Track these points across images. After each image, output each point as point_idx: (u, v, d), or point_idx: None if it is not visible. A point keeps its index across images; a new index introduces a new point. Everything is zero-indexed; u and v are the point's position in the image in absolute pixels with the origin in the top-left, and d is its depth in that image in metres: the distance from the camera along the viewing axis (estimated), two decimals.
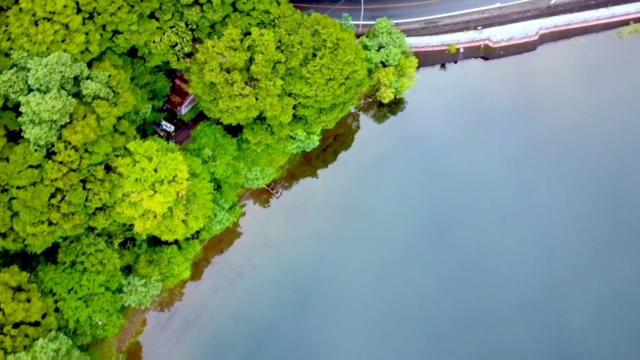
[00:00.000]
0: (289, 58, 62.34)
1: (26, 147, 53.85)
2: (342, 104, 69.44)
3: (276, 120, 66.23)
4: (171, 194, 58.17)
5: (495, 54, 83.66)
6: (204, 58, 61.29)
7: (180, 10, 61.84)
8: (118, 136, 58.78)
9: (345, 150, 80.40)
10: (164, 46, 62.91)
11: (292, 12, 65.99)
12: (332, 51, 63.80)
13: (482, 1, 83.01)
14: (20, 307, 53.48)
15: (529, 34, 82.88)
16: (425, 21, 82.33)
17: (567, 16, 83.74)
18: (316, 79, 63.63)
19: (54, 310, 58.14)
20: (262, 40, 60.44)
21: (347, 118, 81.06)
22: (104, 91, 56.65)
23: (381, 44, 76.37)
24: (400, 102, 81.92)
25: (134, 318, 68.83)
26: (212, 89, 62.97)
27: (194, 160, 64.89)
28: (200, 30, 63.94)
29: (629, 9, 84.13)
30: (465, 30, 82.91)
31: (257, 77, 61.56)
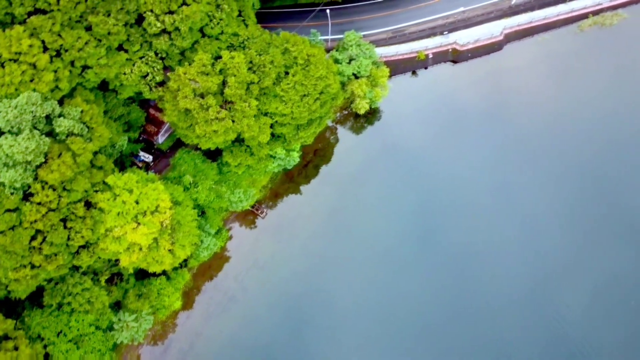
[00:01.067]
0: (262, 78, 62.59)
1: (1, 190, 52.73)
2: (318, 118, 69.79)
3: (255, 140, 66.18)
4: (155, 225, 57.40)
5: (463, 56, 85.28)
6: (177, 85, 61.15)
7: (148, 41, 61.76)
8: (96, 171, 57.98)
9: (326, 164, 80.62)
10: (135, 77, 62.62)
11: (260, 32, 66.47)
12: (304, 67, 64.29)
13: (445, 7, 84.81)
14: (7, 357, 51.81)
15: (494, 34, 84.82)
16: (392, 30, 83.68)
17: (529, 14, 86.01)
18: (291, 96, 63.93)
19: (43, 357, 56.44)
20: (233, 63, 60.64)
21: (325, 132, 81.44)
22: (77, 127, 55.98)
23: (351, 56, 77.27)
24: (376, 112, 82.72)
25: (127, 355, 67.23)
26: (187, 116, 62.74)
27: (176, 188, 64.27)
28: (170, 58, 63.88)
29: (586, 2, 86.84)
30: (432, 36, 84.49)
31: (232, 99, 61.60)
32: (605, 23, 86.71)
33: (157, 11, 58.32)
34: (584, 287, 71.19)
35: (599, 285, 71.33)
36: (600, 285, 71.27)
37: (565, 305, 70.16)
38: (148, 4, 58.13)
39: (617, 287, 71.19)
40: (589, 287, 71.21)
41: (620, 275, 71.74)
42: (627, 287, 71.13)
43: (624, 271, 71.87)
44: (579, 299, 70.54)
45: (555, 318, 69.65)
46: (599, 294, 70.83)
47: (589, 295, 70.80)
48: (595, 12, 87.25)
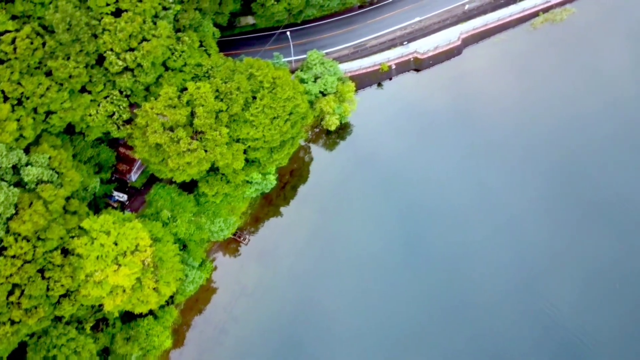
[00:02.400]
0: (230, 105, 62.63)
1: None
2: (291, 139, 70.02)
3: (229, 168, 65.88)
4: (137, 264, 56.22)
5: (425, 64, 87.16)
6: (145, 121, 60.67)
7: (111, 80, 61.32)
8: (70, 217, 56.69)
9: (304, 183, 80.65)
10: (101, 117, 61.92)
11: (224, 60, 66.76)
12: (271, 90, 64.65)
13: (402, 18, 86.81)
14: None
15: (452, 40, 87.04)
16: (353, 46, 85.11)
17: (483, 17, 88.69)
18: (261, 120, 64.07)
19: None
20: (199, 93, 60.59)
21: (299, 152, 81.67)
22: (46, 174, 54.83)
23: (316, 74, 78.14)
24: (346, 127, 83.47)
25: None
26: (158, 150, 62.15)
27: (154, 224, 63.25)
28: (135, 95, 63.46)
29: (535, 1, 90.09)
30: (392, 47, 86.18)
31: (202, 129, 61.37)
32: (555, 19, 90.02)
33: (118, 50, 58.11)
34: (571, 278, 72.24)
35: (585, 274, 72.48)
36: (586, 274, 72.44)
37: (555, 295, 71.01)
38: (108, 44, 57.89)
39: (602, 274, 72.34)
40: (576, 277, 72.30)
41: (604, 263, 72.99)
42: (612, 274, 72.31)
43: (607, 259, 73.17)
44: (567, 289, 71.49)
45: (547, 309, 70.43)
46: (586, 282, 71.96)
47: (577, 284, 71.81)
48: (545, 10, 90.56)
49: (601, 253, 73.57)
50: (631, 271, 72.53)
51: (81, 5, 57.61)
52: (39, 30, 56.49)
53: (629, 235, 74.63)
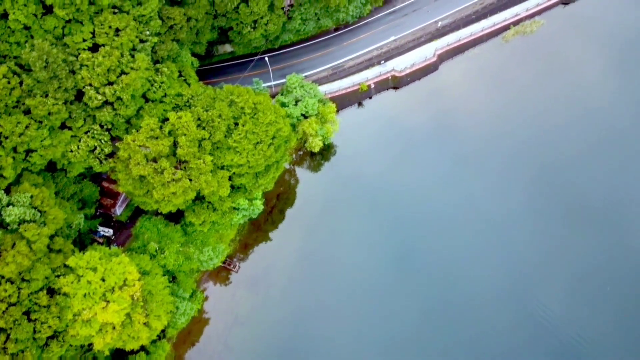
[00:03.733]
0: (213, 133, 62.66)
1: None
2: (275, 163, 70.08)
3: (215, 195, 65.52)
4: (125, 300, 55.09)
5: (403, 82, 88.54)
6: (127, 154, 60.29)
7: (91, 114, 61.07)
8: (55, 255, 55.58)
9: (291, 206, 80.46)
10: (82, 153, 61.39)
11: (204, 89, 67.03)
12: (252, 116, 64.91)
13: (377, 38, 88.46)
14: None
15: (428, 57, 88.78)
16: (331, 67, 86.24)
17: (456, 33, 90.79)
18: (244, 146, 64.12)
19: None
20: (181, 123, 60.55)
21: (285, 175, 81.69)
22: (29, 213, 53.90)
23: (297, 98, 78.79)
24: (330, 147, 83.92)
25: None
26: (142, 182, 61.65)
27: (142, 258, 62.29)
28: (116, 128, 63.20)
29: (505, 15, 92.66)
30: (370, 67, 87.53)
31: (186, 158, 61.15)
32: (526, 31, 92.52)
33: (96, 84, 58.05)
34: (560, 279, 72.96)
35: (573, 275, 73.36)
36: (574, 275, 73.32)
37: (546, 297, 71.66)
38: (86, 79, 57.84)
39: (590, 275, 73.28)
40: (564, 278, 73.06)
41: (591, 264, 73.94)
42: (600, 275, 73.27)
43: (594, 260, 74.13)
44: (557, 291, 72.18)
45: (539, 311, 71.00)
46: (575, 283, 72.79)
47: (566, 286, 72.59)
48: (515, 23, 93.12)
49: (588, 255, 74.49)
50: (617, 271, 73.36)
51: (57, 43, 57.70)
52: (16, 70, 56.34)
53: (614, 236, 75.65)
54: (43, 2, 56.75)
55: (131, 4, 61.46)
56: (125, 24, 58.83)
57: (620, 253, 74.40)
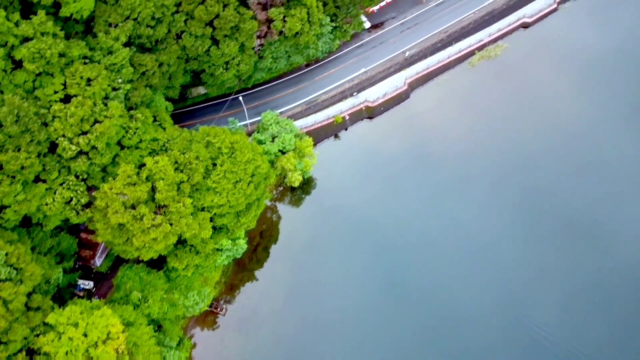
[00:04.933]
0: (191, 175, 62.27)
1: None
2: (256, 201, 69.72)
3: (197, 238, 64.58)
4: (110, 354, 53.07)
5: (377, 111, 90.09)
6: (105, 203, 59.33)
7: (66, 165, 60.23)
8: (33, 314, 53.56)
9: (275, 243, 79.73)
10: (58, 205, 60.16)
11: (179, 132, 66.98)
12: (230, 155, 64.87)
13: (348, 71, 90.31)
14: None
15: (399, 86, 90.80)
16: (305, 102, 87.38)
17: (424, 62, 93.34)
18: (224, 186, 63.77)
19: None
20: (158, 167, 60.08)
21: (266, 212, 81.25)
22: (4, 272, 52.13)
23: (273, 134, 79.24)
24: (310, 181, 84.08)
25: None
26: (122, 231, 60.50)
27: (125, 308, 60.48)
28: (92, 178, 62.35)
29: (470, 41, 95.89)
30: (343, 99, 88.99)
31: (165, 203, 60.43)
32: (490, 55, 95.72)
33: (70, 135, 57.53)
34: (552, 296, 73.46)
35: (564, 291, 73.91)
36: (565, 291, 73.88)
37: (539, 314, 72.03)
38: (59, 130, 57.32)
39: (580, 290, 73.98)
40: (555, 295, 73.56)
41: (580, 279, 74.70)
42: (590, 289, 74.05)
43: (582, 275, 74.97)
44: (550, 307, 72.58)
45: (534, 329, 71.21)
46: (566, 300, 73.26)
47: (557, 300, 73.21)
48: (479, 48, 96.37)
49: (576, 270, 75.23)
50: (605, 284, 74.14)
51: (28, 96, 57.34)
52: None
53: (600, 250, 76.71)
54: (12, 57, 56.63)
55: (102, 53, 61.86)
56: (96, 73, 58.95)
57: (607, 266, 75.32)
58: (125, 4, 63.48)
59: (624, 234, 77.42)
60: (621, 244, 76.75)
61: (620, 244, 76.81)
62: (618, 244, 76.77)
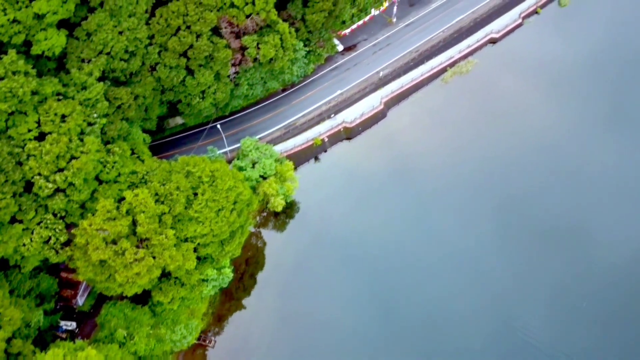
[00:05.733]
0: (172, 206, 61.58)
1: None
2: (240, 228, 69.14)
3: (182, 270, 63.51)
4: None
5: (355, 132, 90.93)
6: (84, 240, 58.11)
7: (42, 204, 59.03)
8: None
9: (261, 270, 78.87)
10: (36, 245, 58.69)
11: (158, 164, 66.44)
12: (211, 184, 64.47)
13: (324, 94, 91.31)
14: None
15: (375, 105, 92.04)
16: (284, 127, 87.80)
17: (398, 81, 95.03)
18: (206, 215, 63.16)
19: None
20: (138, 200, 59.30)
21: (251, 239, 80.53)
22: None
23: (253, 160, 79.18)
24: (293, 205, 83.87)
25: None
26: (103, 267, 59.19)
27: (110, 348, 58.76)
28: (71, 215, 61.16)
29: (441, 59, 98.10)
30: (321, 121, 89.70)
31: (147, 236, 59.46)
32: (462, 71, 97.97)
33: (46, 173, 56.57)
34: (540, 300, 74.39)
35: (550, 295, 74.87)
36: (552, 295, 74.85)
37: (529, 319, 72.80)
38: (35, 169, 56.35)
39: (565, 292, 74.98)
40: (543, 299, 74.48)
41: (564, 282, 75.66)
42: (575, 291, 75.01)
43: (567, 277, 75.99)
44: (539, 311, 73.47)
45: (526, 334, 71.87)
46: (553, 303, 74.27)
47: (542, 304, 74.15)
48: (451, 65, 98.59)
49: (559, 273, 76.31)
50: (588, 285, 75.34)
51: (1, 136, 56.43)
52: None
53: (581, 253, 77.94)
54: None
55: (76, 89, 61.49)
56: (71, 109, 58.44)
57: (588, 269, 76.47)
58: (97, 39, 63.50)
59: (601, 238, 78.90)
60: (599, 248, 78.13)
61: (598, 247, 78.18)
62: (596, 248, 78.11)
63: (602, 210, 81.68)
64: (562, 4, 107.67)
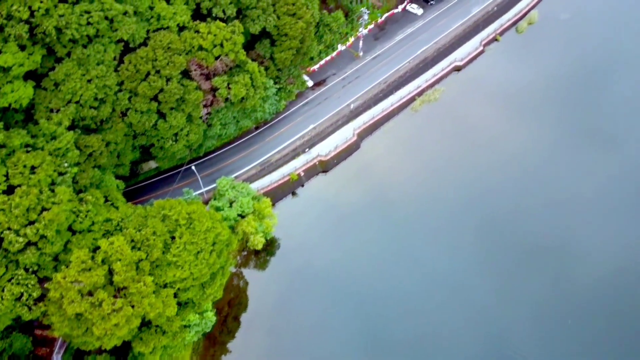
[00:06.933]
0: (149, 252, 60.20)
1: None
2: (220, 269, 67.83)
3: (162, 317, 61.59)
4: None
5: (330, 164, 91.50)
6: (59, 293, 56.03)
7: (13, 259, 56.99)
8: None
9: (245, 311, 77.19)
10: (7, 303, 56.27)
11: (133, 209, 65.31)
12: (188, 226, 63.46)
13: (297, 129, 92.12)
14: None
15: (348, 137, 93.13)
16: (259, 164, 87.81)
17: (369, 112, 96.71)
18: (185, 258, 61.87)
19: None
20: (114, 248, 57.85)
21: (232, 280, 79.03)
22: None
23: (231, 199, 78.57)
24: (273, 242, 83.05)
25: None
26: (80, 321, 56.95)
27: None
28: (44, 268, 59.13)
29: (409, 88, 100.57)
30: (296, 157, 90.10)
31: (124, 284, 57.74)
32: (430, 99, 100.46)
33: (16, 227, 54.91)
34: (524, 319, 74.59)
35: (534, 313, 75.10)
36: (536, 313, 75.14)
37: (517, 338, 72.80)
38: (4, 223, 54.68)
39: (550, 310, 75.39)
40: (527, 318, 74.65)
41: (549, 300, 76.13)
42: (560, 309, 75.49)
43: (551, 295, 76.54)
44: (525, 332, 73.43)
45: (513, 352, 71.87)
46: (538, 321, 74.49)
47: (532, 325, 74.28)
48: (419, 94, 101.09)
49: (542, 290, 76.94)
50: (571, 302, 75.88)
51: None
52: None
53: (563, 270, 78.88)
54: None
55: (45, 139, 60.65)
56: (40, 160, 57.41)
57: (571, 286, 77.28)
58: (65, 88, 63.18)
59: (581, 255, 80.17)
60: (579, 264, 79.27)
61: (579, 264, 79.34)
62: (577, 265, 79.26)
63: (579, 226, 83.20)
64: (519, 31, 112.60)
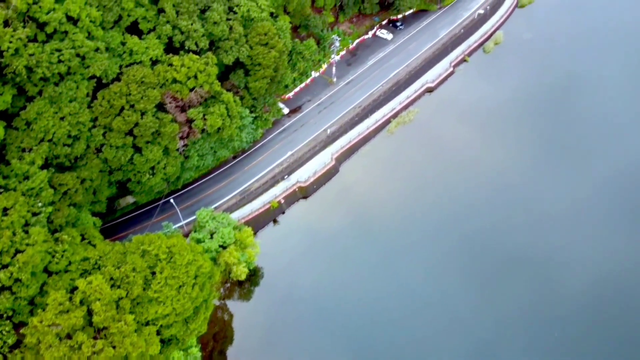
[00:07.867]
0: (129, 289, 58.65)
1: None
2: (203, 303, 66.38)
3: (145, 357, 59.60)
4: None
5: (310, 190, 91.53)
6: (35, 338, 53.93)
7: None
8: None
9: (231, 344, 75.44)
10: None
11: (111, 246, 63.84)
12: (169, 260, 62.22)
13: (275, 156, 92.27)
14: None
15: (326, 162, 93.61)
16: (239, 193, 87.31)
17: (346, 136, 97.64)
18: (166, 294, 60.41)
19: None
20: (92, 288, 56.18)
21: (216, 313, 77.38)
22: None
23: (211, 231, 77.58)
24: (257, 271, 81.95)
25: None
26: None
27: None
28: (19, 313, 56.99)
29: (384, 111, 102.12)
30: (276, 184, 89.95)
31: (104, 325, 55.92)
32: (405, 121, 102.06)
33: None
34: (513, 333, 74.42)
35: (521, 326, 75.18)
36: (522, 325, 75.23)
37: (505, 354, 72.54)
38: None
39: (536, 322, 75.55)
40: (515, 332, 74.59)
41: (534, 312, 76.37)
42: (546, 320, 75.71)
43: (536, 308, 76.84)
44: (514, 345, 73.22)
45: None
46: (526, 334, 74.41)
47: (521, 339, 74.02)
48: (394, 116, 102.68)
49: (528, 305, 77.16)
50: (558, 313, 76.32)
51: None
52: None
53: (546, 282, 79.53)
54: None
55: (17, 179, 59.39)
56: (13, 201, 56.02)
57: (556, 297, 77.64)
58: (38, 127, 62.28)
59: (562, 266, 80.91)
60: (561, 276, 79.94)
61: (561, 275, 80.00)
62: (559, 276, 79.91)
63: (557, 238, 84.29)
64: (486, 51, 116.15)
